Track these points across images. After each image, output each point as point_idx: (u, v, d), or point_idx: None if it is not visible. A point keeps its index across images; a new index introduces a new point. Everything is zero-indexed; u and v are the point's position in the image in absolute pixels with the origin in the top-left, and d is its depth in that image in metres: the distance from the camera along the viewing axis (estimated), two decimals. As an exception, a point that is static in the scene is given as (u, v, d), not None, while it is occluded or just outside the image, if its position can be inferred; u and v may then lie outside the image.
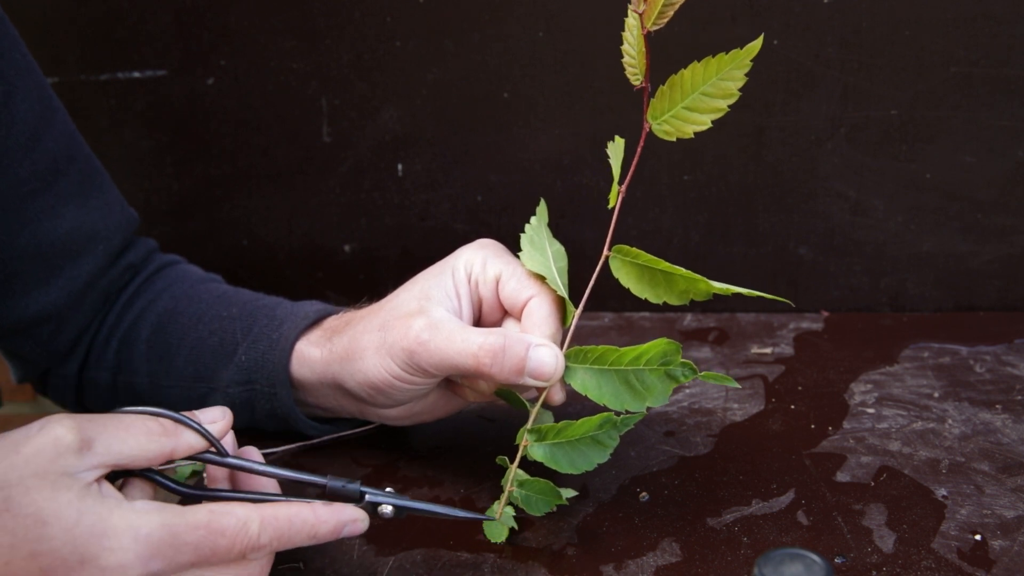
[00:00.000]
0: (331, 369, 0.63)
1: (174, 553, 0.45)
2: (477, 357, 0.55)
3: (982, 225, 0.85)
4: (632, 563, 0.56)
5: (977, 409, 0.70)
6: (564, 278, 0.60)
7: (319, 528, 0.50)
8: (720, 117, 0.53)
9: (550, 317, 0.58)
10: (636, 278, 0.56)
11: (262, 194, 0.96)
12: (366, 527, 0.52)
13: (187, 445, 0.51)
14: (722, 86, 0.52)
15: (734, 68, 0.52)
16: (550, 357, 0.56)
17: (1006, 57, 0.79)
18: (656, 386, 0.55)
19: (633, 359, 0.55)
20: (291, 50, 0.90)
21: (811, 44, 0.82)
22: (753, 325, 0.87)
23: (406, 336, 0.57)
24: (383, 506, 0.53)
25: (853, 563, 0.54)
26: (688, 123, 0.53)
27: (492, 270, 0.60)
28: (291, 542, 0.49)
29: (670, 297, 0.55)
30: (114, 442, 0.48)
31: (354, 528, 0.51)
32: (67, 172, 0.68)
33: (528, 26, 0.86)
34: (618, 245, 0.57)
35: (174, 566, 0.45)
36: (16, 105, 0.65)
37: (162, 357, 0.70)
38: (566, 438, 0.57)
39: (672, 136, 0.54)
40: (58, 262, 0.68)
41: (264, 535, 0.47)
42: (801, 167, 0.86)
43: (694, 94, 0.53)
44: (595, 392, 0.56)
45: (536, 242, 0.61)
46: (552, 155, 0.90)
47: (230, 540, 0.46)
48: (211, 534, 0.46)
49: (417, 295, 0.60)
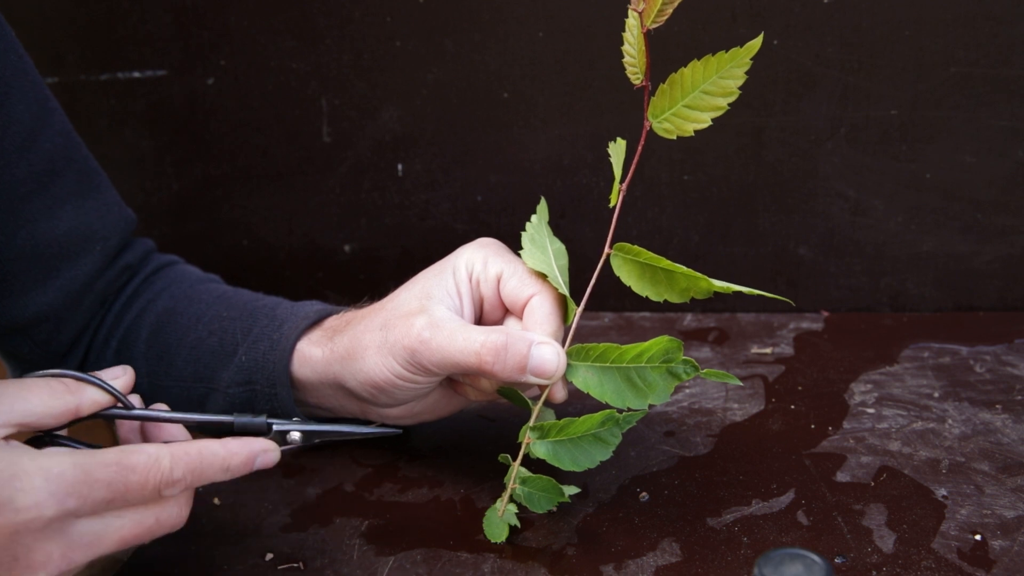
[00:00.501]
0: (332, 369, 0.63)
1: (88, 490, 0.46)
2: (479, 355, 0.56)
3: (982, 225, 0.85)
4: (632, 563, 0.56)
5: (977, 409, 0.70)
6: (565, 276, 0.60)
7: (231, 460, 0.51)
8: (720, 115, 0.53)
9: (552, 315, 0.58)
10: (637, 276, 0.57)
11: (262, 194, 0.96)
12: (278, 457, 0.54)
13: (91, 401, 0.53)
14: (722, 84, 0.52)
15: (734, 66, 0.52)
16: (552, 355, 0.56)
17: (1006, 57, 0.79)
18: (658, 383, 0.55)
19: (635, 356, 0.55)
20: (291, 50, 0.90)
21: (811, 44, 0.82)
22: (753, 325, 0.87)
23: (408, 335, 0.57)
24: (291, 433, 0.56)
25: (853, 563, 0.54)
26: (689, 121, 0.53)
27: (493, 268, 0.61)
28: (204, 475, 0.50)
29: (671, 295, 0.55)
30: (17, 402, 0.49)
31: (266, 459, 0.53)
32: (64, 173, 0.68)
33: (528, 26, 0.86)
34: (619, 243, 0.57)
35: (89, 504, 0.46)
36: (12, 106, 0.65)
37: (161, 357, 0.70)
38: (568, 435, 0.57)
39: (673, 134, 0.54)
40: (55, 263, 0.68)
41: (177, 469, 0.49)
42: (801, 167, 0.86)
43: (694, 92, 0.53)
44: (597, 390, 0.56)
45: (537, 240, 0.61)
46: (552, 155, 0.90)
47: (142, 475, 0.48)
48: (123, 470, 0.47)
49: (418, 294, 0.60)
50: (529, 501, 0.58)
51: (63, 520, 0.46)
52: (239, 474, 0.52)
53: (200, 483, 0.50)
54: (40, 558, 0.45)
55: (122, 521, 0.48)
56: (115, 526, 0.48)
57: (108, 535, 0.47)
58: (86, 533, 0.47)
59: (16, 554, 0.45)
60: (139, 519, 0.48)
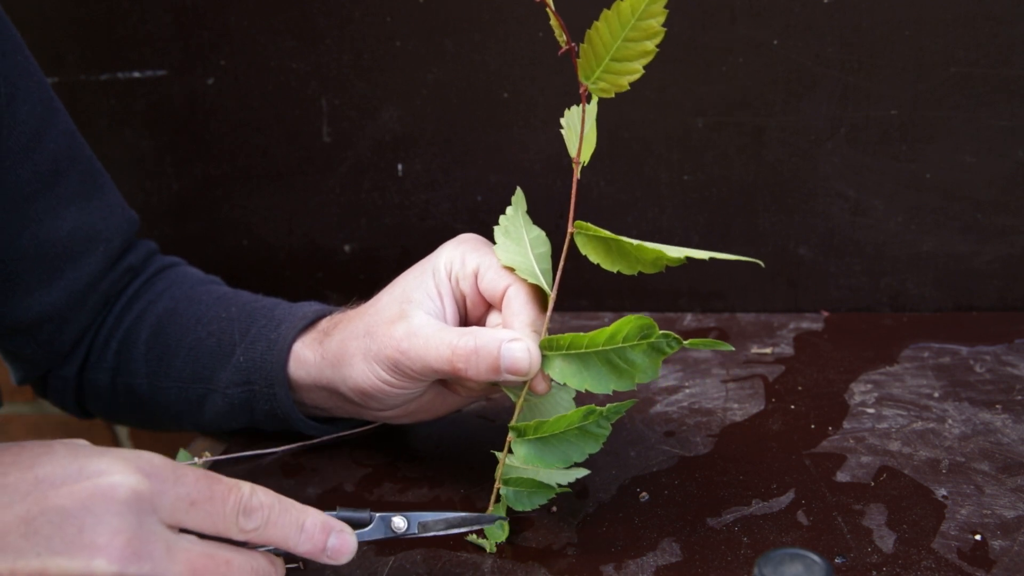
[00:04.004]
0: (324, 373, 0.63)
1: (174, 479, 0.44)
2: (451, 362, 0.55)
3: (982, 225, 0.85)
4: (632, 563, 0.56)
5: (977, 409, 0.70)
6: (546, 263, 0.58)
7: (306, 517, 0.49)
8: (650, 60, 0.50)
9: (527, 304, 0.57)
10: (604, 252, 0.55)
11: (262, 194, 0.96)
12: (354, 544, 0.50)
13: None
14: (643, 27, 0.49)
15: (651, 4, 0.49)
16: (522, 352, 0.55)
17: (1006, 57, 0.79)
18: (642, 361, 0.53)
19: (608, 338, 0.53)
20: (291, 50, 0.90)
21: (811, 44, 0.82)
22: (753, 325, 0.87)
23: (388, 345, 0.58)
24: (395, 520, 0.53)
25: (853, 563, 0.54)
26: (621, 75, 0.51)
27: (470, 264, 0.60)
28: (279, 523, 0.48)
29: (644, 266, 0.53)
30: None
31: (340, 540, 0.50)
32: (68, 174, 0.68)
33: (528, 26, 0.86)
34: (578, 221, 0.55)
35: (171, 497, 0.44)
36: (17, 107, 0.65)
37: (161, 358, 0.70)
38: (548, 432, 0.56)
39: (610, 92, 0.52)
40: (59, 264, 0.68)
41: (255, 498, 0.47)
42: (801, 167, 0.86)
43: (617, 43, 0.50)
44: (575, 379, 0.55)
45: (512, 232, 0.60)
46: (552, 155, 0.89)
47: (225, 489, 0.46)
48: (208, 477, 0.46)
49: (399, 298, 0.60)
50: (516, 502, 0.58)
51: (142, 502, 0.43)
52: (314, 542, 0.49)
53: (275, 533, 0.47)
54: (104, 538, 0.41)
55: (193, 546, 0.45)
56: (185, 546, 0.44)
57: (178, 553, 0.44)
58: (159, 535, 0.43)
59: (83, 525, 0.41)
60: (210, 552, 0.45)
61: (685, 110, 0.86)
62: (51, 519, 0.41)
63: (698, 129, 0.86)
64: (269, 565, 0.48)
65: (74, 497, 0.42)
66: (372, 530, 0.53)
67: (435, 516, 0.54)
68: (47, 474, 0.42)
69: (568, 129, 0.56)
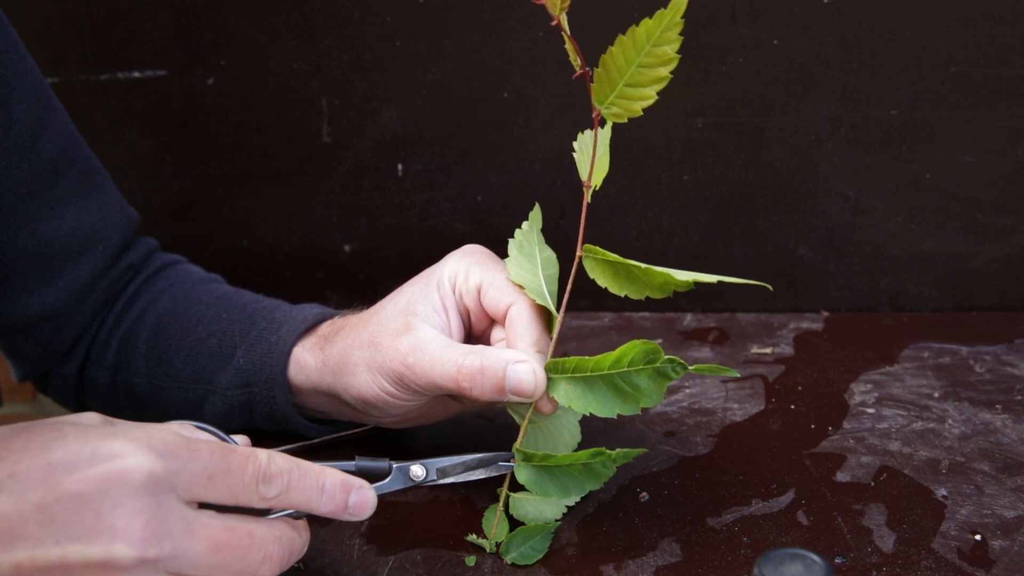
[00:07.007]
0: (326, 379, 0.63)
1: (189, 455, 0.44)
2: (456, 380, 0.55)
3: (982, 225, 0.85)
4: (632, 563, 0.56)
5: (977, 409, 0.70)
6: (553, 285, 0.58)
7: (325, 478, 0.48)
8: (664, 87, 0.50)
9: (531, 324, 0.57)
10: (611, 276, 0.54)
11: (262, 194, 0.96)
12: (374, 500, 0.50)
13: None
14: (658, 53, 0.49)
15: (665, 31, 0.48)
16: (528, 374, 0.54)
17: (1006, 57, 0.79)
18: (647, 386, 0.53)
19: (613, 363, 0.53)
20: (291, 50, 0.90)
21: (811, 44, 0.82)
22: (753, 325, 0.87)
23: (394, 358, 0.57)
24: (413, 468, 0.54)
25: (853, 563, 0.54)
26: (634, 100, 0.51)
27: (473, 279, 0.59)
28: (300, 486, 0.47)
29: (651, 291, 0.53)
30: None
31: (360, 496, 0.50)
32: (66, 173, 0.68)
33: (528, 26, 0.86)
34: (587, 245, 0.55)
35: (188, 473, 0.43)
36: (14, 106, 0.65)
37: (161, 357, 0.70)
38: (555, 463, 0.56)
39: (623, 117, 0.52)
40: (58, 263, 0.68)
41: (273, 465, 0.46)
42: (801, 167, 0.86)
43: (631, 69, 0.50)
44: (580, 403, 0.54)
45: (525, 248, 0.59)
46: (552, 155, 0.90)
47: (242, 459, 0.45)
48: (224, 449, 0.45)
49: (404, 309, 0.59)
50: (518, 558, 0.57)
51: (158, 483, 0.42)
52: (335, 502, 0.49)
53: (297, 497, 0.47)
54: (123, 522, 0.41)
55: (214, 520, 0.44)
56: (206, 522, 0.44)
57: (198, 530, 0.43)
58: (177, 513, 0.43)
59: (100, 510, 0.41)
60: (232, 525, 0.45)
61: (685, 110, 0.86)
62: (67, 506, 0.41)
63: (698, 129, 0.86)
64: (292, 531, 0.48)
65: (89, 482, 0.41)
66: (391, 481, 0.54)
67: (452, 460, 0.55)
68: (60, 459, 0.42)
69: (580, 152, 0.55)
